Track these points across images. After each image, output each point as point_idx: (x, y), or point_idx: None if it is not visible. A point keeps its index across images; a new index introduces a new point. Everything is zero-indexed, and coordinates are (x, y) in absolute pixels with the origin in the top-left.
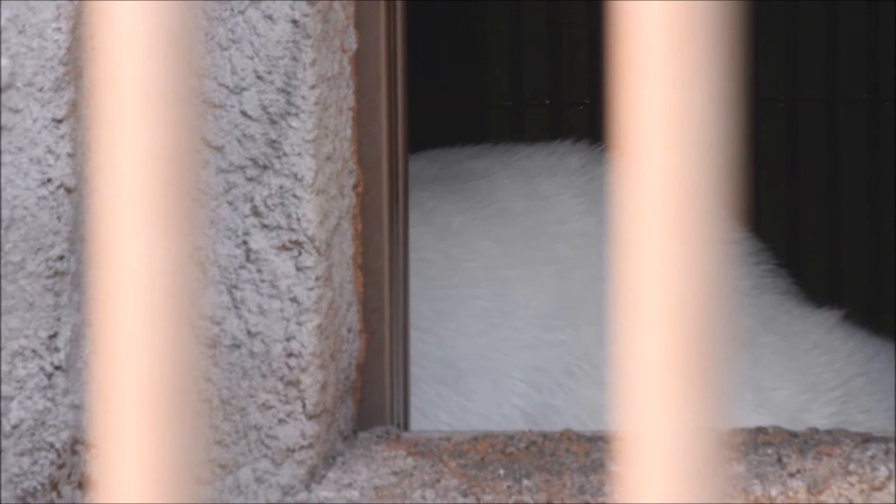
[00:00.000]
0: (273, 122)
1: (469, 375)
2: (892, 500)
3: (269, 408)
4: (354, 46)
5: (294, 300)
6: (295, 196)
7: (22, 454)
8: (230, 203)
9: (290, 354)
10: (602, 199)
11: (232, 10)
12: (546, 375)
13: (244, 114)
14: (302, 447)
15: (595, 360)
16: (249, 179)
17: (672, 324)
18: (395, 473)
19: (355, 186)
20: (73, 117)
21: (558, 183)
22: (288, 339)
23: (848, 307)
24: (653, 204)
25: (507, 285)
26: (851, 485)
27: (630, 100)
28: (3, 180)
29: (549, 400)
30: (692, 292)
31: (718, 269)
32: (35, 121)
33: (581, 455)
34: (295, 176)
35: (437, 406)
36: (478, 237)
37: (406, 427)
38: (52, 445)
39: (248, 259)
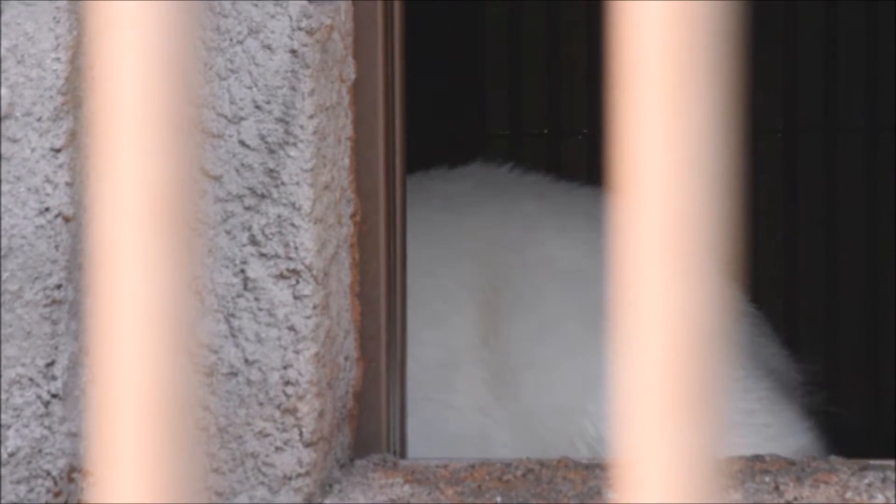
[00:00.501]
0: (271, 152)
1: None
2: None
3: (267, 435)
4: (353, 76)
5: (291, 328)
6: (293, 225)
7: (18, 482)
8: (228, 232)
9: (288, 382)
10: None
11: (231, 40)
12: None
13: (242, 143)
14: (299, 475)
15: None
16: (247, 208)
17: (669, 353)
18: (392, 501)
19: (353, 215)
20: (72, 146)
21: None
22: (285, 368)
23: (845, 336)
24: (650, 234)
25: None
26: None
27: (628, 131)
28: (1, 209)
29: None
30: (689, 322)
31: (716, 297)
32: (33, 150)
33: (578, 483)
34: (293, 205)
35: None
36: None
37: (403, 455)
38: (48, 473)
39: (245, 287)
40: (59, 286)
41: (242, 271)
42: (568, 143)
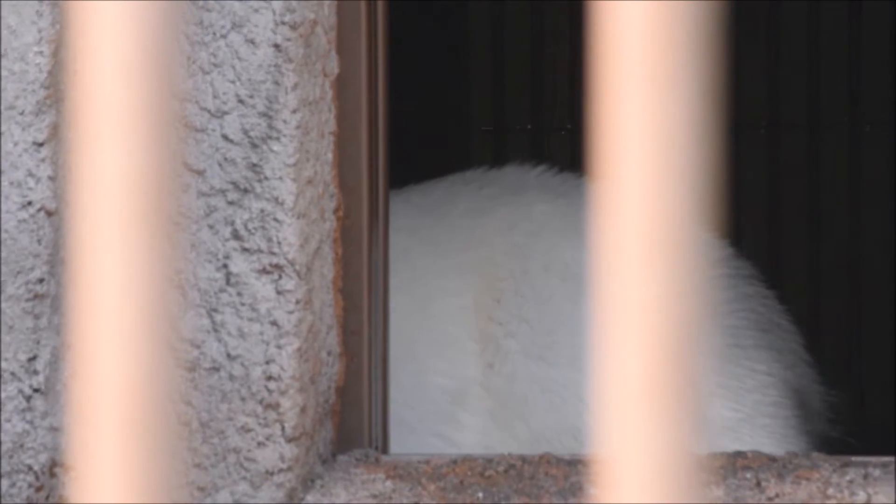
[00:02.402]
0: (254, 146)
1: None
2: None
3: (249, 431)
4: (336, 71)
5: (274, 323)
6: (276, 220)
7: (0, 477)
8: (211, 227)
9: (270, 378)
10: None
11: (214, 34)
12: None
13: (225, 137)
14: (281, 470)
15: None
16: (230, 203)
17: (649, 348)
18: (374, 496)
19: (336, 210)
20: (55, 140)
21: None
22: (267, 363)
23: (827, 325)
24: (632, 226)
25: None
26: None
27: (609, 125)
28: None
29: None
30: (669, 317)
31: (698, 290)
32: (16, 144)
33: (560, 478)
34: (276, 200)
35: None
36: None
37: (385, 450)
38: (30, 468)
39: (228, 282)
40: (41, 280)
41: (225, 266)
42: (551, 138)
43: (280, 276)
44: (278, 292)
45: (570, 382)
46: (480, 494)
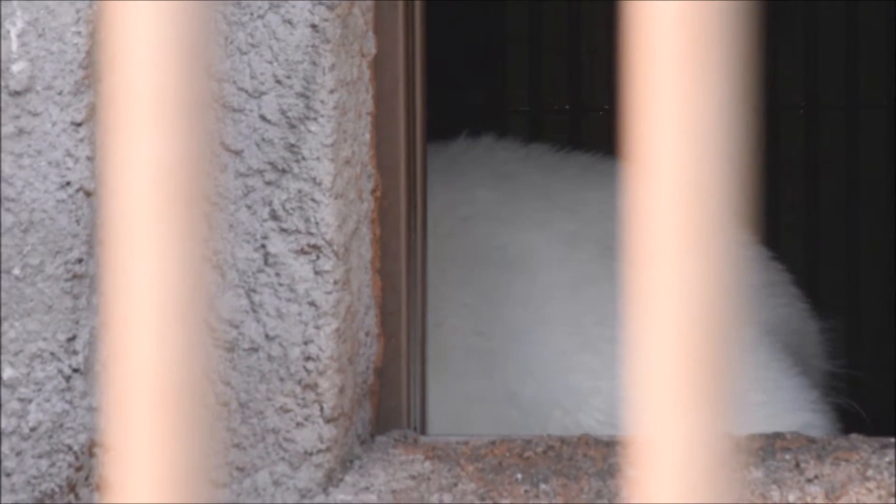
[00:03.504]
0: (292, 127)
1: None
2: None
3: (287, 411)
4: (373, 51)
5: (312, 304)
6: (313, 200)
7: (40, 456)
8: (249, 207)
9: (308, 358)
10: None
11: (251, 14)
12: None
13: (263, 118)
14: (319, 451)
15: None
16: (268, 183)
17: (685, 329)
18: (413, 477)
19: (374, 191)
20: (93, 120)
21: None
22: (306, 343)
23: (866, 313)
24: (665, 210)
25: None
26: (870, 490)
27: (644, 106)
28: (22, 183)
29: None
30: (705, 298)
31: (731, 275)
32: (54, 124)
33: (598, 460)
34: (314, 180)
35: None
36: None
37: (424, 431)
38: (69, 448)
39: (266, 263)
40: (80, 260)
41: (263, 246)
42: (589, 119)
43: (318, 257)
44: (316, 273)
45: (507, 351)
46: (519, 475)
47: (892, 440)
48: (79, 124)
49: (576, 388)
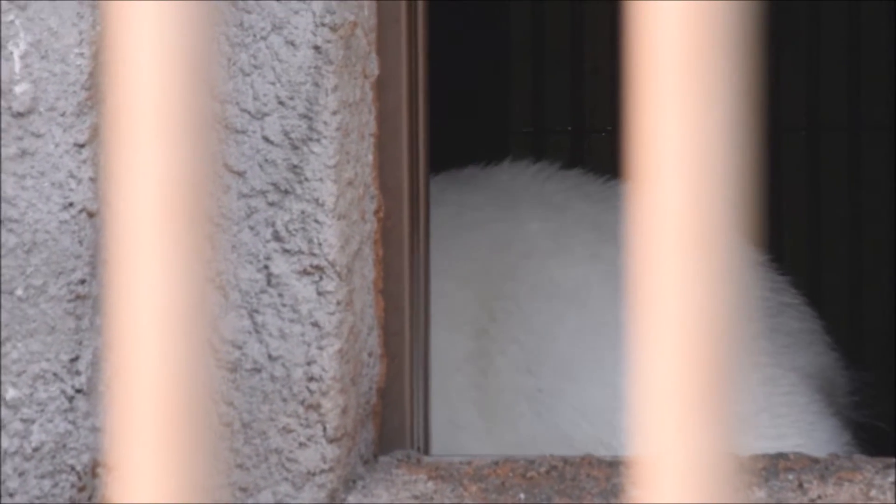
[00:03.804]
0: (295, 148)
1: None
2: None
3: (290, 431)
4: (376, 72)
5: (315, 324)
6: (316, 221)
7: (43, 477)
8: (252, 228)
9: (311, 378)
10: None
11: (254, 35)
12: None
13: (266, 139)
14: (322, 471)
15: None
16: (271, 204)
17: (689, 348)
18: (416, 497)
19: (377, 212)
20: (96, 142)
21: None
22: (309, 364)
23: (870, 333)
24: (669, 230)
25: None
26: None
27: (647, 127)
28: (25, 204)
29: None
30: (709, 318)
31: (734, 294)
32: (57, 145)
33: (602, 480)
34: (316, 201)
35: None
36: None
37: (427, 451)
38: (72, 468)
39: (269, 283)
40: (83, 281)
41: (266, 267)
42: (592, 140)
43: (321, 278)
44: (319, 293)
45: (558, 392)
46: (522, 495)
47: (895, 460)
48: (82, 145)
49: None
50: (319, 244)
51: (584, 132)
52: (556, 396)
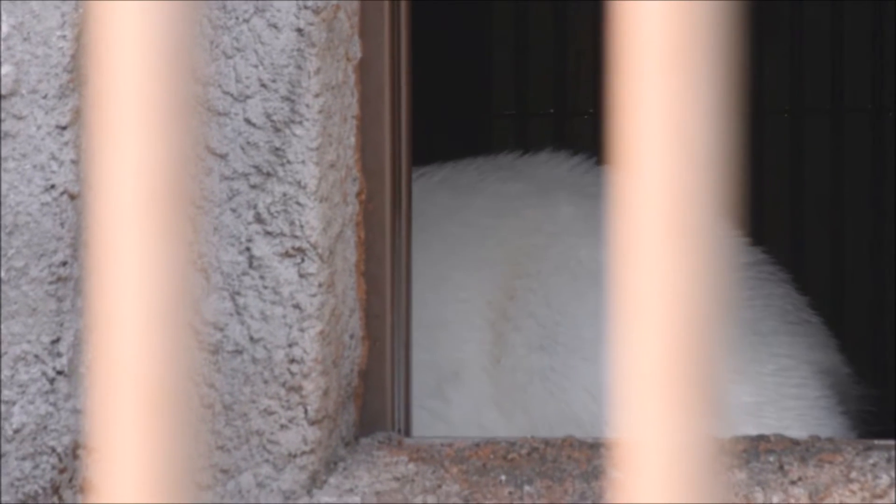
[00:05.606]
0: (277, 130)
1: None
2: None
3: (271, 413)
4: (359, 55)
5: (296, 307)
6: (298, 203)
7: (24, 458)
8: (233, 210)
9: (293, 360)
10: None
11: (237, 18)
12: None
13: (248, 121)
14: (303, 452)
15: None
16: (253, 187)
17: (671, 331)
18: (397, 479)
19: (359, 194)
20: (78, 124)
21: None
22: (290, 346)
23: (850, 315)
24: (651, 214)
25: None
26: (853, 492)
27: (629, 109)
28: (6, 186)
29: None
30: (690, 301)
31: (716, 278)
32: (39, 127)
33: (583, 462)
34: (298, 183)
35: None
36: None
37: (408, 433)
38: (53, 450)
39: (251, 266)
40: (64, 263)
41: (248, 249)
42: (574, 122)
43: (302, 260)
44: (301, 275)
45: (570, 371)
46: (503, 477)
47: (875, 442)
48: (63, 128)
49: None
50: (301, 226)
51: (566, 115)
52: (568, 376)
